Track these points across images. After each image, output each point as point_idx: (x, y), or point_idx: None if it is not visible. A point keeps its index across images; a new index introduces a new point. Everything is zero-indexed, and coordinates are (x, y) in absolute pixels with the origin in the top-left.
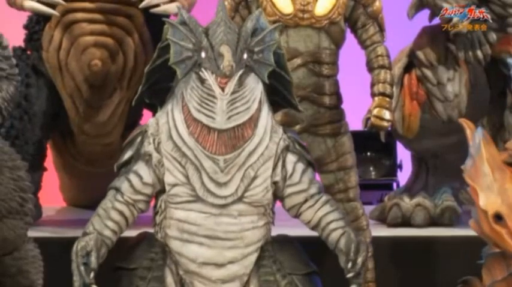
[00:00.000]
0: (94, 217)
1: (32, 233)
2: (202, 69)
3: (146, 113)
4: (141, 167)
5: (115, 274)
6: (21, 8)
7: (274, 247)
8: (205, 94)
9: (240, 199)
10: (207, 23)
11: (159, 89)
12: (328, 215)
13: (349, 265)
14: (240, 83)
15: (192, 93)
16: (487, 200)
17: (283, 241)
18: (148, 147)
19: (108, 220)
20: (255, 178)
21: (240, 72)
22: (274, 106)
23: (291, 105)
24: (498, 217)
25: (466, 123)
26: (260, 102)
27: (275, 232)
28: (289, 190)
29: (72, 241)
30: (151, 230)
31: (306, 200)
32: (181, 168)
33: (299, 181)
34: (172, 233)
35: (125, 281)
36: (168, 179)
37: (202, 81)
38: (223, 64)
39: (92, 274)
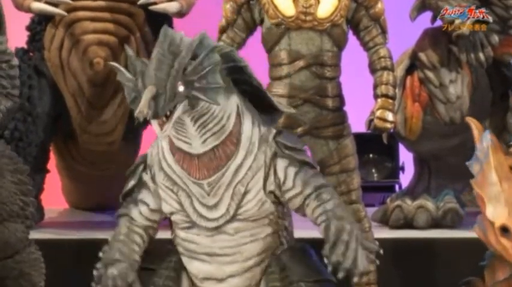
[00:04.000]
0: (115, 243)
1: (34, 235)
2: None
3: None
4: (145, 195)
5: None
6: (28, 10)
7: (286, 253)
8: (178, 123)
9: (233, 218)
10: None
11: None
12: (317, 209)
13: (328, 247)
14: (196, 108)
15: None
16: (494, 211)
17: (295, 248)
18: (146, 177)
19: (134, 244)
20: (246, 193)
21: (181, 106)
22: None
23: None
24: (504, 230)
25: (473, 123)
26: (238, 115)
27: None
28: (287, 196)
29: (73, 242)
30: (165, 234)
31: (304, 201)
32: (175, 196)
33: (293, 186)
34: (180, 249)
35: (142, 279)
36: (165, 208)
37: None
38: (136, 112)
39: None
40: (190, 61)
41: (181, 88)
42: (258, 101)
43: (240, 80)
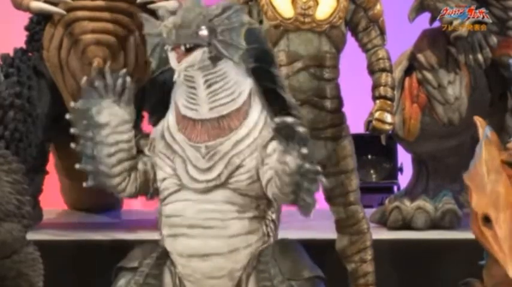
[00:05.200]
0: None
1: (33, 235)
2: (167, 50)
3: (146, 116)
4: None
5: (117, 274)
6: (27, 9)
7: (275, 250)
8: (189, 88)
9: (224, 185)
10: None
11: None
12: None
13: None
14: (214, 67)
15: (181, 92)
16: (478, 201)
17: (284, 245)
18: (145, 148)
19: None
20: (240, 166)
21: (201, 49)
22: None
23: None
24: (486, 219)
25: (479, 122)
26: (250, 97)
27: (280, 234)
28: (264, 167)
29: (72, 243)
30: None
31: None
32: (170, 162)
33: (273, 152)
34: (165, 231)
35: (124, 278)
36: (159, 175)
37: (179, 75)
38: (171, 24)
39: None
40: (217, 11)
41: (204, 31)
42: (271, 95)
43: (258, 70)
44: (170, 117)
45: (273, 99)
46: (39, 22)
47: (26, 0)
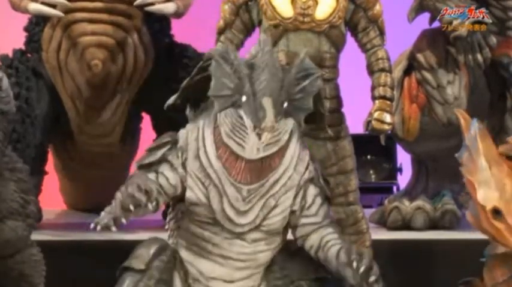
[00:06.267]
0: (132, 180)
1: (33, 235)
2: (242, 112)
3: (146, 116)
4: (166, 169)
5: (121, 274)
6: (25, 11)
7: (284, 254)
8: (239, 123)
9: (257, 228)
10: (249, 59)
11: (151, 96)
12: (327, 235)
13: (354, 267)
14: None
15: (226, 118)
16: (485, 195)
17: (292, 246)
18: (177, 160)
19: (150, 182)
20: (275, 207)
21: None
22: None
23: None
24: (496, 212)
25: (460, 114)
26: (291, 132)
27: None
28: (303, 220)
29: (72, 244)
30: (159, 234)
31: (314, 230)
32: (204, 189)
33: (315, 214)
34: (185, 244)
35: (132, 280)
36: (190, 197)
37: (241, 117)
38: (265, 124)
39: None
40: (295, 79)
41: (285, 104)
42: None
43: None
44: (207, 136)
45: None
46: (38, 23)
47: (24, 2)
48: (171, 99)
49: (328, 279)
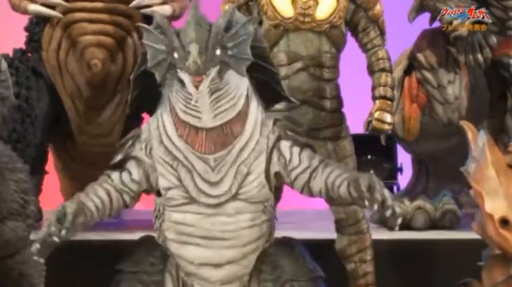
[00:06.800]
0: (81, 193)
1: (32, 235)
2: (178, 70)
3: (146, 117)
4: (132, 165)
5: (115, 276)
6: (25, 11)
7: (277, 251)
8: (189, 95)
9: (234, 197)
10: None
11: (151, 96)
12: (331, 175)
13: (368, 196)
14: (221, 80)
15: (178, 96)
16: (493, 205)
17: (286, 244)
18: (140, 152)
19: (93, 194)
20: (248, 174)
21: (215, 69)
22: (268, 102)
23: (283, 98)
24: (504, 222)
25: (467, 126)
26: (247, 97)
27: (279, 234)
28: (294, 173)
29: (72, 244)
30: (152, 234)
31: (311, 174)
32: (174, 171)
33: (299, 162)
34: (171, 235)
35: (125, 283)
36: (162, 183)
37: (182, 82)
38: (188, 62)
39: (62, 231)
40: (225, 27)
41: (218, 51)
42: (262, 86)
43: (252, 63)
44: (166, 120)
45: (263, 89)
46: (38, 23)
47: (24, 2)
48: (128, 99)
49: (323, 279)
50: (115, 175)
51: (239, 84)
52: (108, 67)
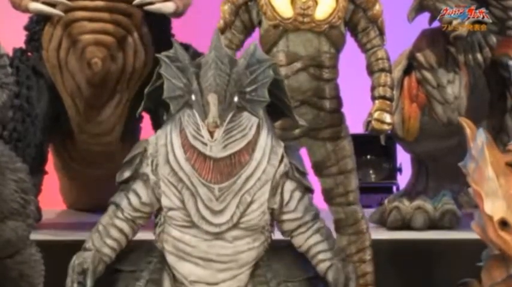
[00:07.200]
0: (94, 233)
1: (32, 235)
2: (194, 111)
3: (146, 116)
4: (139, 186)
5: (113, 275)
6: (26, 10)
7: (270, 254)
8: (201, 121)
9: (235, 225)
10: (200, 59)
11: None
12: (317, 245)
13: None
14: (235, 118)
15: (189, 120)
16: (493, 206)
17: (280, 247)
18: (146, 168)
19: (108, 237)
20: (251, 203)
21: (231, 114)
22: (274, 114)
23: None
24: (504, 223)
25: (466, 123)
26: (259, 125)
27: (277, 234)
28: (284, 217)
29: (71, 244)
30: (151, 234)
31: (299, 227)
32: (177, 193)
33: (294, 209)
34: (169, 248)
35: (122, 282)
36: (165, 202)
37: (194, 115)
38: (208, 120)
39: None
40: (245, 71)
41: (236, 98)
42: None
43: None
44: (175, 140)
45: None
46: (38, 22)
47: (25, 1)
48: (141, 107)
49: (318, 279)
50: (124, 204)
51: (252, 115)
52: (108, 66)
